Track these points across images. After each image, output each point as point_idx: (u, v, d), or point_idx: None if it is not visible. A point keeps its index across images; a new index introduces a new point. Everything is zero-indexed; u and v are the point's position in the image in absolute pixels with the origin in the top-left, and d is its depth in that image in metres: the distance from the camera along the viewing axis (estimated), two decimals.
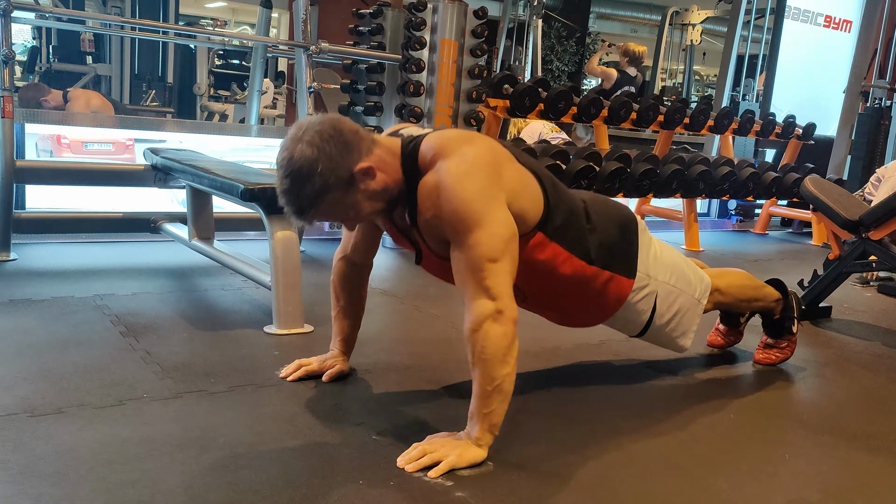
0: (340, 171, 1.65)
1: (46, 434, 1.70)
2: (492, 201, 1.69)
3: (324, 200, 1.66)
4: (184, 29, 6.92)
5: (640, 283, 2.11)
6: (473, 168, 1.69)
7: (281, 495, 1.51)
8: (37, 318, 2.58)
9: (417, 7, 4.24)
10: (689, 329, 2.27)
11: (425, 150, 1.73)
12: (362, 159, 1.68)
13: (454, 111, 4.33)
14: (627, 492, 1.66)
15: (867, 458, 1.95)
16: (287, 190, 1.66)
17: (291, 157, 1.64)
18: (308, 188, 1.64)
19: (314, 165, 1.62)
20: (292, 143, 1.65)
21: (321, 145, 1.63)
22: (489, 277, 1.66)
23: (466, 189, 1.66)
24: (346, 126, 1.69)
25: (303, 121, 1.70)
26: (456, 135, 1.78)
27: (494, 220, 1.68)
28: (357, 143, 1.68)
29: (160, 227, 3.60)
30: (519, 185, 1.79)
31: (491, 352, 1.65)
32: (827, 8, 7.58)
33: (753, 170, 5.53)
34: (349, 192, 1.69)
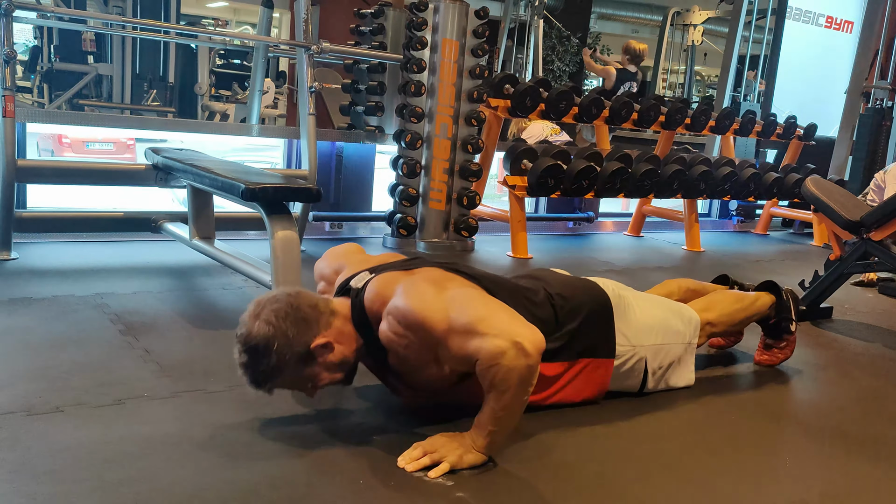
0: (297, 348, 1.69)
1: (44, 432, 1.70)
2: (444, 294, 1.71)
3: (280, 375, 1.71)
4: (185, 29, 6.92)
5: (624, 355, 2.12)
6: (416, 289, 1.72)
7: (280, 495, 1.51)
8: (37, 316, 2.58)
9: (419, 7, 4.23)
10: (686, 370, 2.30)
11: (368, 304, 1.77)
12: (320, 334, 1.72)
13: (455, 111, 4.33)
14: (627, 493, 1.65)
15: (868, 460, 1.95)
16: (245, 364, 1.70)
17: (248, 333, 1.68)
18: (264, 364, 1.68)
19: (270, 343, 1.66)
20: (250, 319, 1.69)
21: (277, 324, 1.67)
22: (488, 328, 1.63)
23: (420, 301, 1.68)
24: (304, 301, 1.73)
25: (262, 297, 1.74)
26: (390, 277, 1.80)
27: (455, 298, 1.70)
28: (315, 318, 1.72)
29: (161, 226, 3.60)
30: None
31: (510, 385, 1.61)
32: (828, 9, 7.57)
33: (754, 170, 5.53)
34: (307, 365, 1.73)
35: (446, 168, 4.35)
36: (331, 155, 4.79)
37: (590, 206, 5.88)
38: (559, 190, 4.49)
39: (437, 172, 4.33)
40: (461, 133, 4.38)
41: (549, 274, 2.23)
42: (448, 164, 4.35)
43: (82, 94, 7.78)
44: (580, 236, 5.63)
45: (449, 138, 4.33)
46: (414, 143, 4.26)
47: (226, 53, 9.78)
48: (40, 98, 8.02)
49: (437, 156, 4.32)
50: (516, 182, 4.46)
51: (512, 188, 4.48)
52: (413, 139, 4.25)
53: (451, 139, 4.34)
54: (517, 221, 4.50)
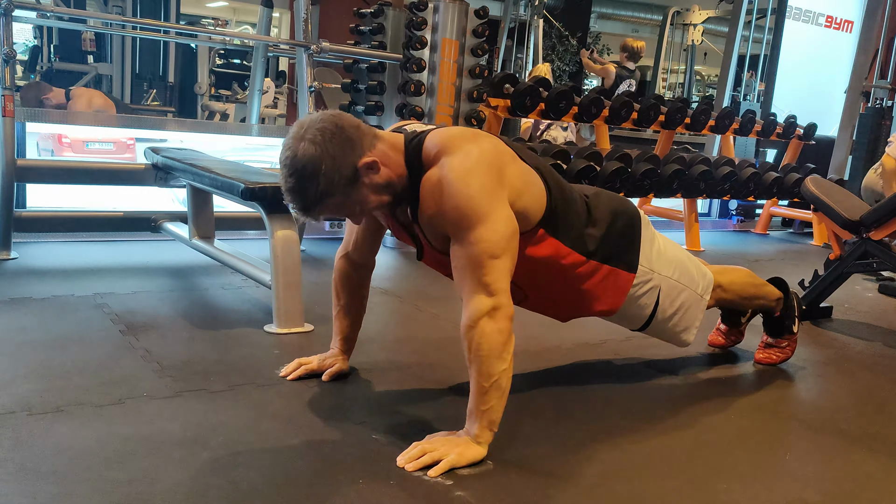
0: (344, 168, 1.66)
1: (45, 432, 1.70)
2: (494, 199, 1.69)
3: (329, 197, 1.67)
4: (185, 28, 6.92)
5: (642, 277, 2.11)
6: (477, 165, 1.69)
7: (281, 494, 1.51)
8: (37, 316, 2.58)
9: (418, 6, 4.23)
10: (692, 324, 2.27)
11: (429, 147, 1.74)
12: (365, 154, 1.69)
13: (455, 111, 4.33)
14: (627, 492, 1.66)
15: (868, 459, 1.95)
16: (292, 188, 1.66)
17: (295, 155, 1.64)
18: (313, 186, 1.64)
19: (318, 163, 1.63)
20: (295, 141, 1.65)
21: (323, 143, 1.63)
22: (489, 274, 1.66)
23: (469, 185, 1.66)
24: (347, 122, 1.69)
25: (304, 119, 1.70)
26: (460, 132, 1.79)
27: (496, 217, 1.68)
28: (359, 139, 1.69)
29: (161, 226, 3.60)
30: (521, 184, 1.79)
31: (487, 348, 1.66)
32: (828, 8, 7.57)
33: (754, 170, 5.53)
34: (354, 187, 1.69)
35: None
36: None
37: None
38: None
39: None
40: None
41: (585, 186, 2.24)
42: None
43: None
44: None
45: None
46: None
47: (225, 53, 9.78)
48: None
49: None
50: None
51: None
52: None
53: None
54: None
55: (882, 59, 7.18)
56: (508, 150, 1.82)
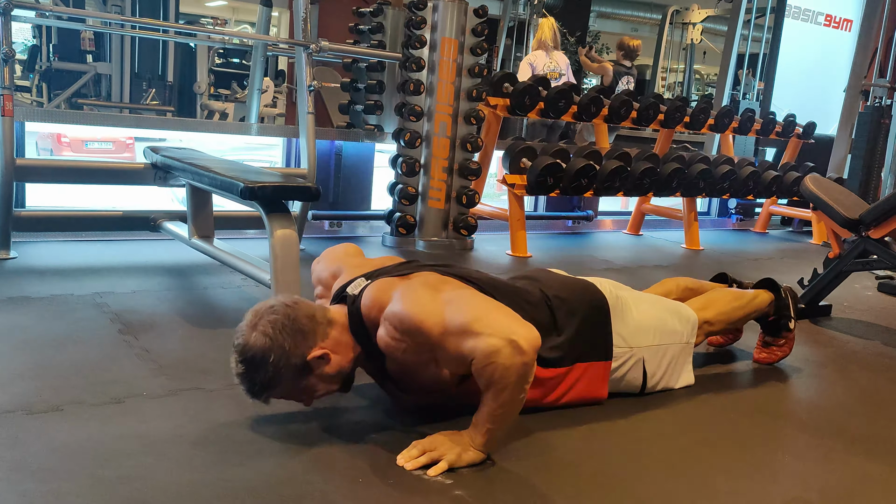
0: (294, 360, 1.69)
1: (42, 431, 1.70)
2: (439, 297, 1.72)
3: (277, 386, 1.71)
4: (184, 27, 6.91)
5: (621, 357, 2.12)
6: (413, 294, 1.72)
7: (278, 494, 1.51)
8: (35, 315, 2.58)
9: (417, 5, 4.23)
10: (685, 370, 2.30)
11: (365, 311, 1.76)
12: (317, 345, 1.72)
13: (454, 110, 4.33)
14: (626, 491, 1.66)
15: (866, 458, 1.95)
16: (241, 374, 1.70)
17: (245, 343, 1.68)
18: (261, 375, 1.68)
19: (267, 355, 1.66)
20: (248, 330, 1.69)
21: (273, 335, 1.67)
22: (483, 327, 1.63)
23: (416, 305, 1.68)
24: (301, 312, 1.72)
25: (259, 306, 1.74)
26: (386, 283, 1.80)
27: (451, 301, 1.70)
28: (312, 329, 1.72)
29: (160, 225, 3.60)
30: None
31: (507, 383, 1.62)
32: (827, 7, 7.57)
33: (753, 168, 5.53)
34: (303, 377, 1.73)
35: (445, 167, 4.35)
36: (330, 154, 4.80)
37: (589, 204, 5.89)
38: (558, 188, 4.49)
39: (437, 171, 4.33)
40: (460, 132, 4.38)
41: (546, 274, 2.22)
42: (447, 163, 4.35)
43: (81, 94, 7.78)
44: (579, 235, 5.63)
45: (448, 137, 4.33)
46: (413, 141, 4.26)
47: (225, 52, 9.77)
48: (39, 97, 8.01)
49: (436, 154, 4.32)
50: (515, 181, 4.46)
51: (511, 187, 4.48)
52: (412, 138, 4.25)
53: (451, 138, 4.34)
54: (516, 220, 4.50)
55: (881, 58, 7.17)
56: (440, 278, 1.84)
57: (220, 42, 8.73)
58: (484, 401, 1.67)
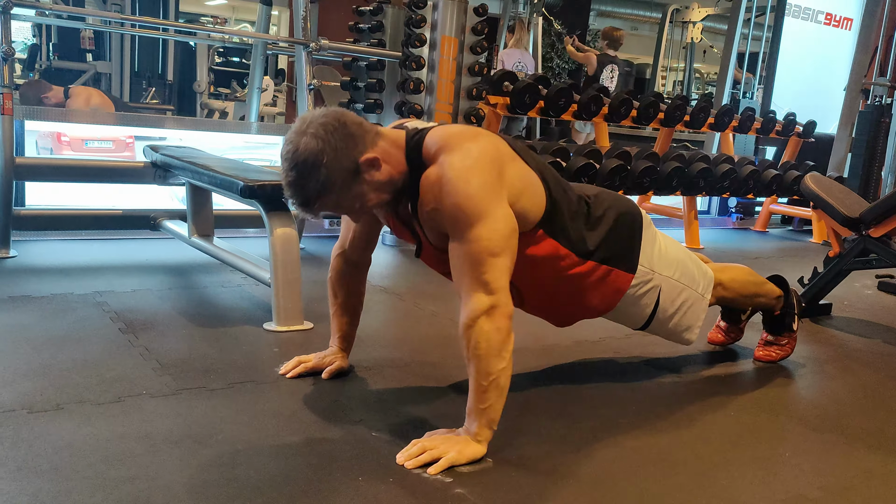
0: (345, 163, 1.65)
1: (45, 430, 1.70)
2: (493, 197, 1.69)
3: (329, 192, 1.67)
4: (184, 26, 6.91)
5: (642, 277, 2.11)
6: (476, 164, 1.69)
7: (280, 492, 1.51)
8: (36, 314, 2.58)
9: (417, 4, 4.23)
10: (694, 323, 2.27)
11: (430, 144, 1.73)
12: (367, 150, 1.69)
13: (454, 108, 4.32)
14: (627, 489, 1.66)
15: (867, 455, 1.95)
16: (293, 182, 1.66)
17: (296, 149, 1.64)
18: (313, 180, 1.64)
19: (319, 157, 1.63)
20: (297, 135, 1.65)
21: (325, 137, 1.63)
22: (488, 272, 1.66)
23: (469, 183, 1.66)
24: (349, 118, 1.69)
25: (306, 114, 1.70)
26: (460, 130, 1.78)
27: (495, 215, 1.68)
28: (361, 135, 1.69)
29: (160, 224, 3.60)
30: (521, 184, 1.79)
31: (485, 347, 1.66)
32: (827, 5, 7.56)
33: (754, 167, 5.53)
34: (355, 183, 1.69)
35: None
36: None
37: None
38: None
39: None
40: None
41: (586, 186, 2.23)
42: None
43: None
44: None
45: None
46: None
47: (224, 51, 9.77)
48: None
49: None
50: None
51: None
52: None
53: None
54: None
55: (881, 57, 7.17)
56: (509, 150, 1.81)
57: (219, 41, 8.73)
58: (470, 380, 1.69)
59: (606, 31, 7.54)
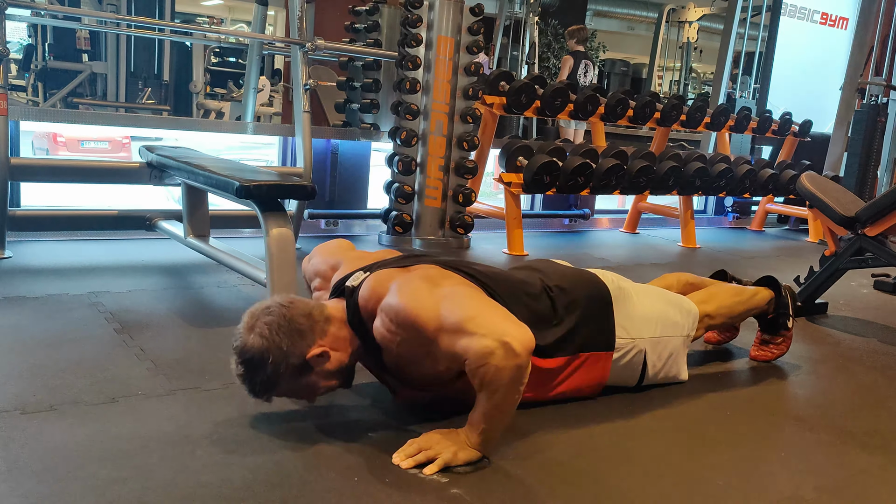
0: (292, 360, 1.70)
1: (38, 431, 1.70)
2: (435, 291, 1.71)
3: (277, 385, 1.72)
4: (180, 26, 6.90)
5: (623, 348, 2.11)
6: (410, 286, 1.72)
7: (275, 492, 1.51)
8: (30, 315, 2.57)
9: (414, 4, 4.22)
10: (682, 363, 2.29)
11: (363, 303, 1.77)
12: (315, 344, 1.72)
13: (450, 108, 4.32)
14: (623, 489, 1.65)
15: (862, 454, 1.95)
16: (241, 376, 1.71)
17: (243, 346, 1.69)
18: (261, 376, 1.69)
19: (265, 356, 1.67)
20: (245, 332, 1.70)
21: (270, 337, 1.67)
22: (477, 327, 1.62)
23: (412, 298, 1.68)
24: (296, 311, 1.72)
25: (255, 308, 1.74)
26: (386, 274, 1.80)
27: (447, 296, 1.70)
28: (309, 328, 1.72)
29: (155, 224, 3.59)
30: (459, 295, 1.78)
31: (500, 385, 1.61)
32: (823, 5, 7.58)
33: (750, 167, 5.54)
34: (303, 375, 1.73)
35: (442, 165, 4.34)
36: (326, 152, 4.79)
37: (585, 203, 5.89)
38: (555, 187, 4.49)
39: (433, 170, 4.32)
40: (457, 130, 4.37)
41: (548, 265, 2.22)
42: (444, 162, 4.35)
43: (77, 93, 7.75)
44: (576, 233, 5.63)
45: (444, 135, 4.32)
46: (409, 140, 4.25)
47: (221, 51, 9.76)
48: (34, 97, 7.99)
49: (432, 153, 4.31)
50: (512, 179, 4.46)
51: (507, 185, 4.48)
52: (408, 136, 4.24)
53: (447, 136, 4.33)
54: (513, 218, 4.50)
55: (877, 56, 7.19)
56: (439, 271, 1.83)
57: (216, 41, 8.72)
58: (478, 401, 1.67)
59: (572, 30, 7.79)
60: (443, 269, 1.85)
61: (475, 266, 1.96)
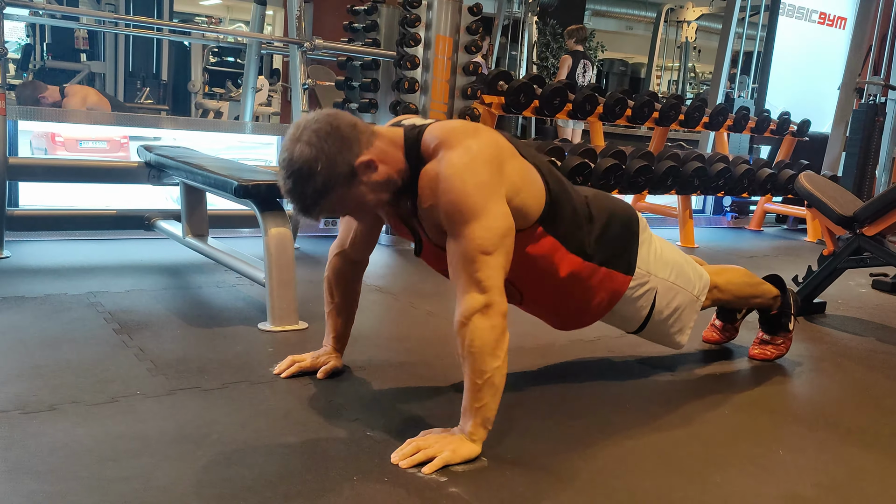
0: (341, 167, 1.66)
1: (39, 431, 1.70)
2: (490, 195, 1.69)
3: (328, 197, 1.68)
4: (178, 26, 6.89)
5: (639, 279, 2.12)
6: (475, 161, 1.69)
7: (275, 491, 1.51)
8: (30, 315, 2.57)
9: (412, 3, 4.23)
10: (686, 325, 2.27)
11: (428, 140, 1.74)
12: (362, 153, 1.69)
13: (449, 108, 4.32)
14: (622, 487, 1.66)
15: (861, 452, 1.95)
16: (290, 190, 1.67)
17: (291, 157, 1.65)
18: (311, 187, 1.65)
19: (314, 164, 1.63)
20: (291, 143, 1.66)
21: (318, 144, 1.64)
22: (481, 270, 1.66)
23: (466, 181, 1.66)
24: (343, 121, 1.69)
25: (300, 119, 1.71)
26: (460, 126, 1.78)
27: (491, 213, 1.68)
28: (356, 137, 1.69)
29: (154, 224, 3.59)
30: (520, 180, 1.79)
31: (479, 345, 1.66)
32: (822, 5, 7.58)
33: (748, 166, 5.54)
34: (352, 185, 1.69)
35: None
36: None
37: None
38: None
39: None
40: None
41: (583, 188, 2.24)
42: None
43: None
44: None
45: None
46: None
47: (219, 51, 9.75)
48: None
49: None
50: None
51: None
52: None
53: None
54: None
55: (875, 56, 7.20)
56: (508, 146, 1.81)
57: (214, 40, 8.72)
58: (465, 381, 1.69)
59: (570, 30, 7.87)
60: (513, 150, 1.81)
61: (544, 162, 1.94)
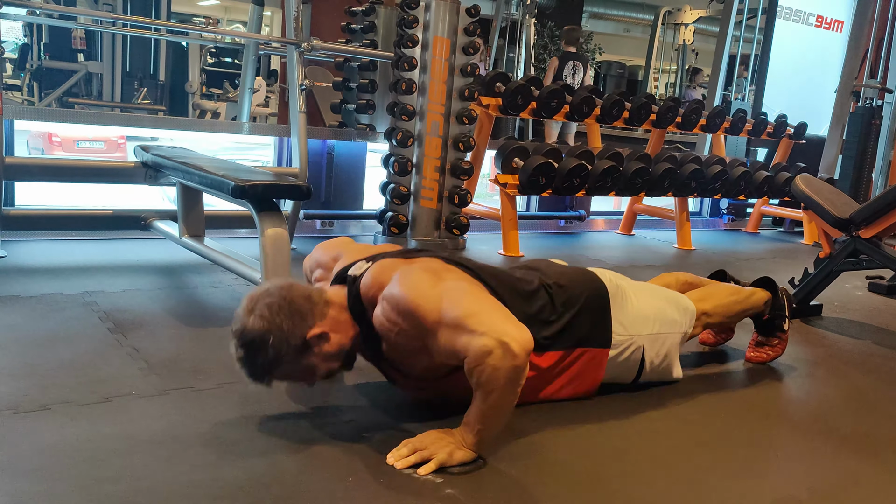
0: (293, 341, 1.70)
1: (30, 431, 1.69)
2: (436, 282, 1.72)
3: (278, 368, 1.72)
4: (176, 26, 6.88)
5: (621, 345, 2.12)
6: (412, 277, 1.73)
7: (268, 492, 1.50)
8: (24, 314, 2.56)
9: (410, 4, 4.22)
10: (676, 362, 2.29)
11: (365, 290, 1.78)
12: (315, 325, 1.73)
13: (446, 109, 4.32)
14: (618, 490, 1.65)
15: (856, 457, 1.95)
16: (242, 359, 1.71)
17: (244, 329, 1.69)
18: (261, 358, 1.69)
19: (266, 337, 1.67)
20: (245, 315, 1.70)
21: (270, 317, 1.68)
22: (477, 325, 1.62)
23: (414, 288, 1.70)
24: (296, 294, 1.73)
25: (254, 291, 1.75)
26: (389, 264, 1.82)
27: (447, 290, 1.71)
28: (309, 310, 1.73)
29: (150, 224, 3.58)
30: (458, 290, 1.79)
31: (497, 385, 1.61)
32: (819, 8, 7.59)
33: (745, 169, 5.54)
34: (304, 357, 1.74)
35: (438, 166, 4.34)
36: (322, 153, 4.78)
37: (581, 204, 5.89)
38: (550, 188, 4.49)
39: (429, 170, 4.32)
40: (452, 131, 4.37)
41: (546, 264, 2.23)
42: (439, 163, 4.34)
43: (72, 93, 7.74)
44: (571, 235, 5.64)
45: (440, 136, 4.32)
46: (405, 141, 4.25)
47: (217, 51, 9.75)
48: (30, 96, 7.97)
49: (428, 154, 4.31)
50: (507, 180, 4.46)
51: (503, 186, 4.48)
52: (404, 137, 4.24)
53: (443, 137, 4.33)
54: (508, 219, 4.50)
55: (872, 59, 7.21)
56: (441, 265, 1.84)
57: (211, 41, 8.71)
58: (474, 400, 1.66)
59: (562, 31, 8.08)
60: (445, 263, 1.86)
61: (476, 263, 1.96)
